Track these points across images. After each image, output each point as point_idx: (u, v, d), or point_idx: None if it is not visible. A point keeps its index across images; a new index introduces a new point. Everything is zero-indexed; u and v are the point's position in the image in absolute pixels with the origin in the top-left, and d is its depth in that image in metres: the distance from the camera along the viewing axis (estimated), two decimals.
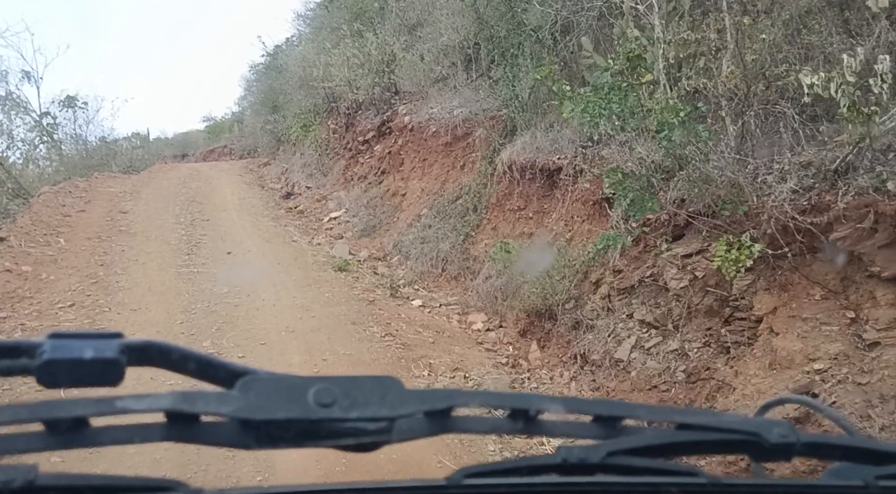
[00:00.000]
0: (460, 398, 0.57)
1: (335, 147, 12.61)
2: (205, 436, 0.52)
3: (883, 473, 0.63)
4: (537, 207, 6.49)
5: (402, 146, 10.05)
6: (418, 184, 9.48)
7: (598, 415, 0.61)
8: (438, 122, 9.46)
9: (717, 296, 3.82)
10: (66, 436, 0.49)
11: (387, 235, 9.12)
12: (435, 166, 9.31)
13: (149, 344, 0.55)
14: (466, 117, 9.09)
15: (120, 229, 8.73)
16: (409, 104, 10.57)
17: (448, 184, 9.00)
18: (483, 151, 8.51)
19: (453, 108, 9.59)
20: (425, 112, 9.95)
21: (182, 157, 30.62)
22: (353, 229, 9.53)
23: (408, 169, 9.83)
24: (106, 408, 0.48)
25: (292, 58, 16.71)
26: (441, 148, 9.26)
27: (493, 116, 8.58)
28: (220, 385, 0.55)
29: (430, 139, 9.48)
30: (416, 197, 9.32)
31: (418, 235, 8.32)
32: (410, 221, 8.92)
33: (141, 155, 22.01)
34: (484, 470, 0.58)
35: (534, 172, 6.52)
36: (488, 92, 9.35)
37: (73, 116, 15.61)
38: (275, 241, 8.82)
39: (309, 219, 10.49)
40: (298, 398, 0.51)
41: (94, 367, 0.51)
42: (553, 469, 0.58)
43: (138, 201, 11.05)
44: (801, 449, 0.61)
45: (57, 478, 0.48)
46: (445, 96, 10.12)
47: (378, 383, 0.54)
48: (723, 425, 0.62)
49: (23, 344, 0.51)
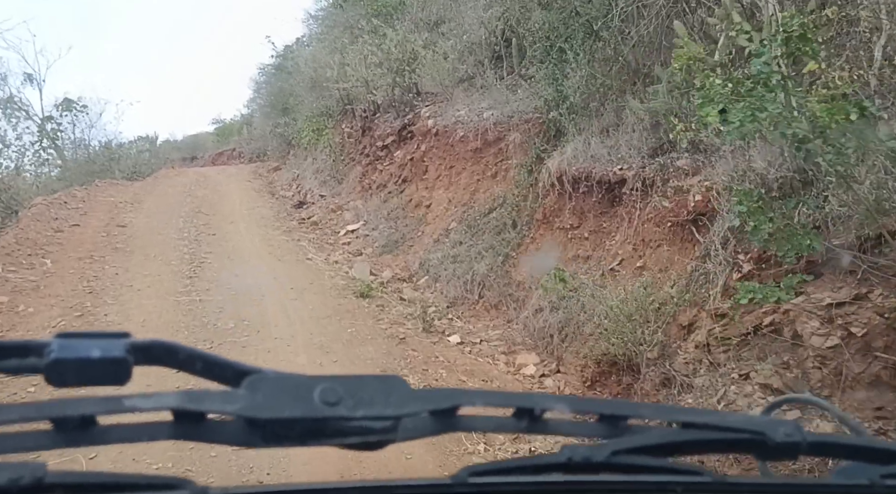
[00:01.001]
0: (465, 397, 0.56)
1: (350, 152, 11.63)
2: (211, 435, 0.51)
3: (889, 472, 0.62)
4: (594, 225, 5.48)
5: (425, 152, 9.07)
6: (444, 194, 8.49)
7: (602, 414, 0.61)
8: (466, 125, 8.47)
9: (889, 364, 2.80)
10: (73, 434, 0.48)
11: (411, 251, 8.13)
12: (463, 175, 8.32)
13: (155, 343, 0.54)
14: (498, 120, 8.11)
15: (116, 246, 7.78)
16: (432, 106, 9.58)
17: (478, 194, 8.01)
18: (519, 158, 7.53)
19: (482, 110, 8.61)
20: (451, 115, 8.96)
21: (191, 159, 29.93)
22: (374, 245, 8.54)
23: (432, 177, 8.84)
24: (113, 407, 0.47)
25: (303, 58, 15.75)
26: (470, 154, 8.27)
27: (529, 119, 7.59)
28: (227, 384, 0.54)
29: (458, 145, 8.49)
30: (443, 208, 8.33)
31: (448, 253, 7.33)
32: (437, 235, 7.93)
33: (147, 159, 21.15)
34: (489, 469, 0.57)
35: (589, 184, 5.51)
36: (524, 92, 8.38)
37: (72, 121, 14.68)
38: (287, 259, 7.84)
39: (324, 232, 9.52)
40: (304, 396, 0.50)
41: (101, 366, 0.50)
42: (558, 467, 0.57)
43: (139, 213, 10.11)
44: (806, 449, 0.60)
45: (65, 476, 0.47)
46: (473, 97, 9.14)
47: (383, 382, 0.54)
48: (728, 424, 0.62)
49: (31, 344, 0.51)
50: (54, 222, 8.50)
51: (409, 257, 7.96)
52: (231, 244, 8.20)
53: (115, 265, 6.93)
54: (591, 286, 4.94)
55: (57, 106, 14.32)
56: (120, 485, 0.50)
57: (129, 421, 0.49)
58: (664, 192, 4.71)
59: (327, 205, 10.74)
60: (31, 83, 17.43)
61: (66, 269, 6.64)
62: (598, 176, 5.42)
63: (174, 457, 3.27)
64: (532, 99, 7.94)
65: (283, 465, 3.25)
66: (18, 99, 16.94)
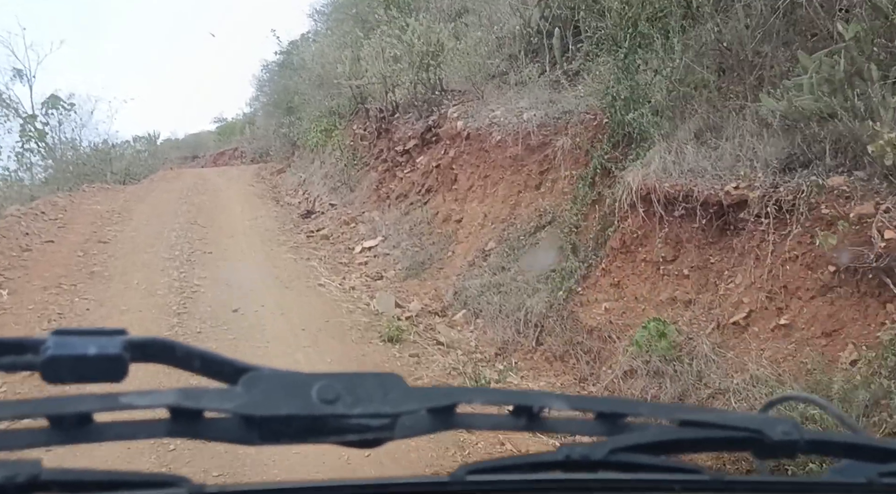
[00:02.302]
0: (463, 395, 0.56)
1: (364, 156, 10.29)
2: (208, 432, 0.50)
3: (886, 470, 0.61)
4: (698, 260, 4.15)
5: (454, 158, 7.73)
6: (478, 207, 7.16)
7: (601, 412, 0.60)
8: (503, 128, 7.14)
9: None
10: (70, 432, 0.48)
11: (441, 275, 6.80)
12: (500, 185, 6.99)
13: (152, 341, 0.53)
14: (542, 123, 6.78)
15: (93, 269, 6.43)
16: (460, 106, 8.25)
17: (520, 209, 6.68)
18: (569, 166, 6.23)
19: (521, 110, 7.28)
20: (484, 116, 7.63)
21: (192, 158, 28.88)
22: (396, 266, 7.21)
23: (463, 188, 7.50)
24: (110, 404, 0.47)
25: (310, 54, 14.39)
26: (508, 162, 6.95)
27: (581, 121, 6.28)
28: (224, 382, 0.52)
29: (494, 150, 7.16)
30: (477, 224, 7.00)
31: (488, 280, 6.00)
32: (472, 257, 6.60)
33: (145, 159, 19.79)
34: (487, 467, 0.56)
35: (689, 206, 4.19)
36: (574, 89, 7.07)
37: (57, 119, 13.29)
38: (296, 285, 6.51)
39: (336, 248, 8.18)
40: (302, 394, 0.49)
41: (97, 363, 0.49)
42: (556, 465, 0.57)
43: (127, 224, 8.76)
44: (804, 447, 0.59)
45: (61, 473, 0.46)
46: (507, 96, 7.81)
47: (381, 380, 0.53)
48: (726, 422, 0.61)
49: (27, 341, 0.50)
50: (24, 237, 7.16)
51: (439, 282, 6.63)
52: (230, 266, 6.87)
53: (88, 297, 5.59)
54: (707, 346, 3.61)
55: (43, 104, 12.92)
56: (116, 483, 0.48)
57: (126, 418, 0.48)
58: (814, 221, 3.38)
59: (339, 216, 9.40)
60: (20, 79, 16.08)
61: (24, 303, 5.30)
62: (704, 195, 4.09)
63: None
64: (585, 97, 6.65)
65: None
66: (7, 96, 15.59)
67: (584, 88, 6.97)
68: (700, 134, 4.58)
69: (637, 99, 5.09)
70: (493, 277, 6.07)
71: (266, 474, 3.04)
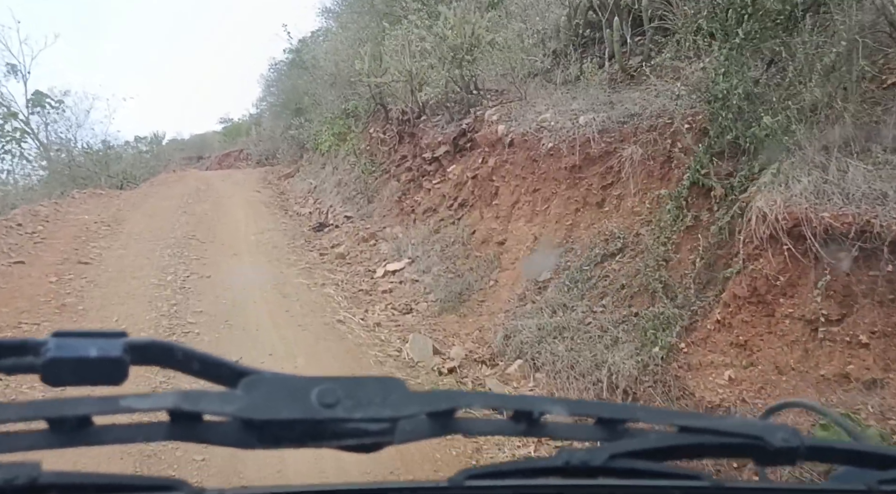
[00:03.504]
0: (463, 399, 0.54)
1: (383, 163, 9.05)
2: (208, 435, 0.49)
3: (886, 477, 0.60)
4: (882, 322, 2.90)
5: (494, 168, 6.49)
6: (526, 227, 5.91)
7: (600, 418, 0.58)
8: (556, 134, 5.91)
9: None
10: (69, 434, 0.47)
11: (484, 310, 5.55)
12: (554, 202, 5.75)
13: (153, 343, 0.52)
14: (604, 128, 5.56)
15: (64, 302, 5.20)
16: (499, 107, 7.01)
17: (579, 231, 5.45)
18: (641, 182, 5.02)
19: (575, 113, 6.05)
20: (531, 119, 6.39)
21: (197, 159, 27.97)
22: (427, 296, 5.96)
23: (506, 203, 6.25)
24: (110, 407, 0.46)
25: (322, 52, 13.15)
26: (564, 174, 5.70)
27: (656, 127, 5.07)
28: (224, 385, 0.51)
29: (545, 160, 5.92)
30: (526, 248, 5.76)
31: (548, 321, 4.76)
32: (523, 289, 5.36)
33: (147, 161, 18.57)
34: (486, 472, 0.56)
35: (867, 246, 2.94)
36: (636, 88, 5.87)
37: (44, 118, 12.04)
38: (311, 322, 5.27)
39: (355, 270, 6.93)
40: (302, 398, 0.48)
41: (98, 366, 0.48)
42: (555, 471, 0.55)
43: (115, 239, 7.52)
44: (804, 453, 0.58)
45: (60, 476, 0.46)
46: (556, 96, 6.58)
47: (381, 384, 0.51)
48: (726, 428, 0.59)
49: (28, 342, 0.49)
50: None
51: (482, 320, 5.39)
52: (231, 296, 5.63)
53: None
54: None
55: (28, 101, 11.64)
56: (115, 486, 0.48)
57: (126, 421, 0.47)
58: None
59: (356, 230, 8.16)
60: (14, 75, 14.86)
61: None
62: (892, 232, 2.84)
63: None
64: (656, 98, 5.44)
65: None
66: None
67: (656, 87, 5.76)
68: (850, 143, 3.33)
69: (745, 100, 3.84)
70: (552, 317, 4.83)
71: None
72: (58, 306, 5.05)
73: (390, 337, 5.03)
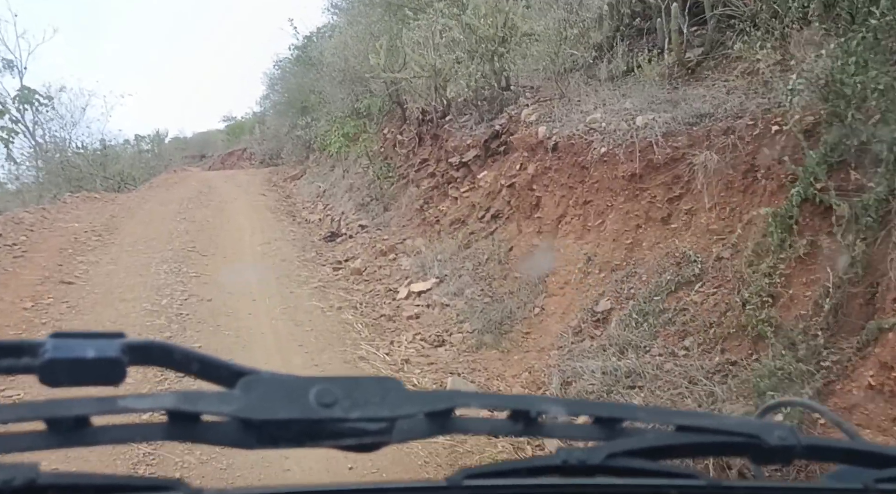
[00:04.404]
0: (461, 398, 0.54)
1: (400, 167, 8.18)
2: (206, 436, 0.48)
3: (883, 476, 0.60)
4: None
5: (535, 176, 5.62)
6: (577, 245, 5.04)
7: (598, 417, 0.58)
8: (610, 137, 5.04)
9: None
10: (67, 435, 0.46)
11: (531, 344, 4.69)
12: (610, 216, 4.88)
13: (151, 344, 0.51)
14: (670, 130, 4.71)
15: (39, 335, 4.33)
16: (537, 106, 6.14)
17: (642, 251, 4.59)
18: (719, 194, 4.20)
19: (630, 113, 5.19)
20: (576, 119, 5.52)
21: (200, 158, 27.34)
22: (462, 325, 5.08)
23: (550, 216, 5.39)
24: (108, 407, 0.45)
25: (330, 47, 12.26)
26: (621, 184, 4.84)
27: (734, 129, 4.24)
28: (222, 385, 0.50)
29: (597, 167, 5.05)
30: (578, 270, 4.89)
31: (615, 364, 3.89)
32: (578, 321, 4.49)
33: (147, 161, 17.70)
34: (484, 471, 0.55)
35: None
36: (700, 85, 5.05)
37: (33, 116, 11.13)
38: (329, 359, 4.41)
39: (374, 289, 6.07)
40: (299, 398, 0.48)
41: (96, 366, 0.47)
42: (553, 470, 0.55)
43: (105, 252, 6.65)
44: (801, 452, 0.57)
45: (58, 477, 0.45)
46: (603, 94, 5.72)
47: (379, 383, 0.51)
48: (723, 427, 0.59)
49: (25, 343, 0.48)
50: None
51: (530, 357, 4.51)
52: (236, 325, 4.76)
53: (12, 393, 3.49)
54: None
55: (14, 98, 10.68)
56: (113, 486, 0.47)
57: (124, 422, 0.46)
58: None
59: (372, 242, 7.29)
60: (10, 71, 13.94)
61: None
62: None
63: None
64: (730, 95, 4.62)
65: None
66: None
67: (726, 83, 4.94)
68: None
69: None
70: (620, 359, 3.96)
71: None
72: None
73: (423, 380, 4.17)
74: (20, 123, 11.20)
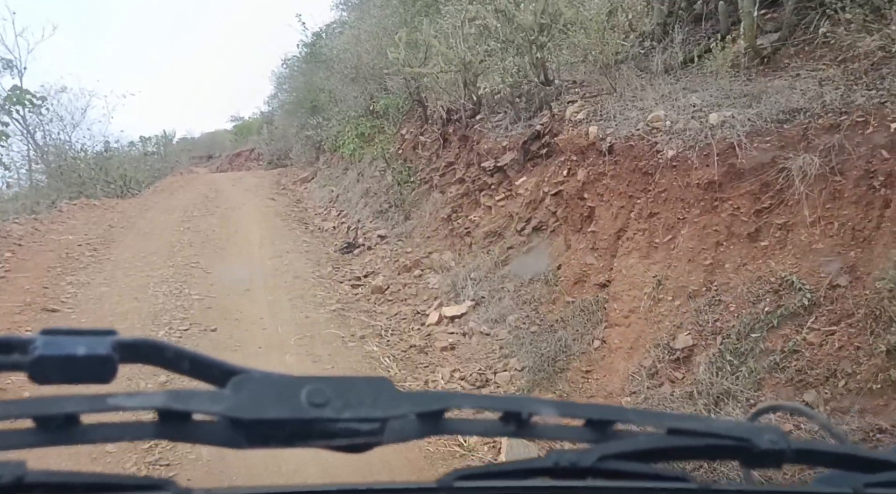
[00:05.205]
0: (453, 400, 0.53)
1: (422, 171, 7.39)
2: (196, 435, 0.47)
3: (872, 481, 0.59)
4: None
5: (586, 183, 4.81)
6: (642, 265, 4.24)
7: (589, 419, 0.57)
8: (679, 137, 4.24)
9: None
10: (56, 433, 0.45)
11: (593, 385, 3.89)
12: (683, 231, 4.07)
13: (142, 342, 0.49)
14: (755, 129, 3.94)
15: (6, 382, 3.58)
16: (582, 102, 5.33)
17: (725, 274, 3.79)
18: (824, 205, 3.44)
19: (700, 109, 4.41)
20: (634, 117, 4.71)
21: (207, 158, 26.80)
22: (508, 361, 4.28)
23: (607, 230, 4.58)
24: (97, 405, 0.44)
25: (341, 44, 11.46)
26: (695, 193, 4.04)
27: (838, 126, 3.48)
28: (213, 384, 0.49)
29: (665, 173, 4.24)
30: (646, 296, 4.08)
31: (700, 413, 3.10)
32: (652, 359, 3.69)
33: (153, 163, 16.98)
34: (476, 473, 0.54)
35: None
36: (781, 76, 4.28)
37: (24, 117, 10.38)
38: None
39: (399, 312, 5.28)
40: (291, 397, 0.46)
41: (86, 364, 0.46)
42: (544, 472, 0.54)
43: (99, 271, 5.90)
44: (791, 456, 0.56)
45: (46, 475, 0.44)
46: (662, 88, 4.92)
47: (371, 384, 0.49)
48: (714, 430, 0.58)
49: (15, 340, 0.46)
50: None
51: (596, 403, 3.73)
52: (243, 364, 3.98)
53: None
54: None
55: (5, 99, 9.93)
56: (102, 485, 0.46)
57: (114, 420, 0.44)
58: None
59: (394, 255, 6.51)
60: (10, 71, 13.23)
61: None
62: None
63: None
64: (825, 86, 3.86)
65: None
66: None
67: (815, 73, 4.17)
68: None
69: None
70: (717, 413, 3.18)
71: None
72: None
73: (471, 438, 3.38)
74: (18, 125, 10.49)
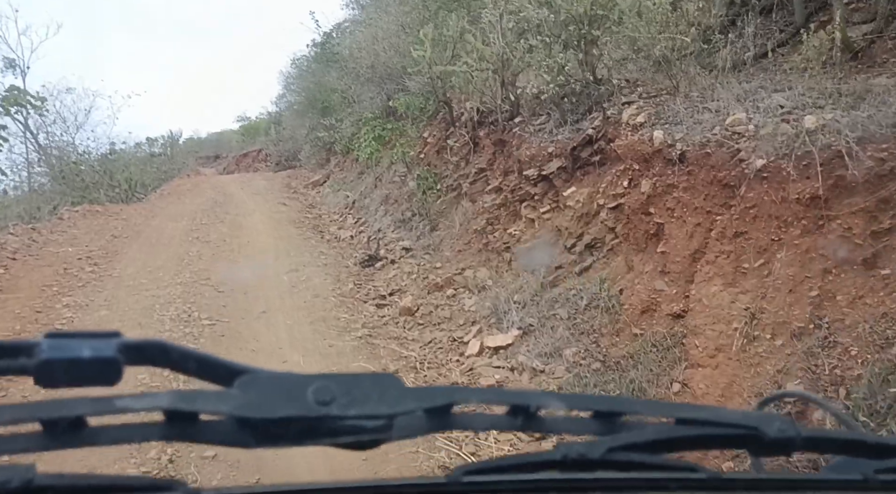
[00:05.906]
0: (460, 394, 0.52)
1: (449, 178, 6.75)
2: (204, 435, 0.46)
3: (883, 467, 0.58)
4: None
5: (651, 196, 4.16)
6: (728, 295, 3.58)
7: (598, 411, 0.56)
8: (768, 144, 3.59)
9: None
10: (64, 436, 0.44)
11: None
12: (778, 255, 3.41)
13: (147, 343, 0.48)
14: (866, 135, 3.29)
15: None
16: (641, 103, 4.68)
17: (836, 307, 3.14)
18: None
19: (790, 111, 3.77)
20: (708, 120, 4.06)
21: (214, 158, 26.36)
22: None
23: (681, 251, 3.93)
24: (104, 407, 0.43)
25: (355, 42, 10.82)
26: (794, 210, 3.39)
27: None
28: (220, 384, 0.48)
29: (752, 186, 3.58)
30: (735, 331, 3.43)
31: None
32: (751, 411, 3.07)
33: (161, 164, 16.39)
34: (484, 467, 0.52)
35: None
36: (881, 70, 3.61)
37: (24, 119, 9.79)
38: (395, 462, 3.01)
39: (434, 338, 4.64)
40: (297, 396, 0.46)
41: (92, 366, 0.45)
42: (553, 465, 0.53)
43: (100, 290, 5.28)
44: (800, 444, 0.55)
45: (55, 478, 0.43)
46: (735, 87, 4.28)
47: (377, 381, 0.49)
48: (723, 419, 0.57)
49: (20, 344, 0.45)
50: None
51: None
52: None
53: None
54: None
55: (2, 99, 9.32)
56: (111, 487, 0.46)
57: (121, 422, 0.43)
58: None
59: (422, 271, 5.87)
60: (13, 71, 12.63)
61: None
62: None
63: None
64: None
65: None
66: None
67: None
68: None
69: None
70: None
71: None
72: None
73: None
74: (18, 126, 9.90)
